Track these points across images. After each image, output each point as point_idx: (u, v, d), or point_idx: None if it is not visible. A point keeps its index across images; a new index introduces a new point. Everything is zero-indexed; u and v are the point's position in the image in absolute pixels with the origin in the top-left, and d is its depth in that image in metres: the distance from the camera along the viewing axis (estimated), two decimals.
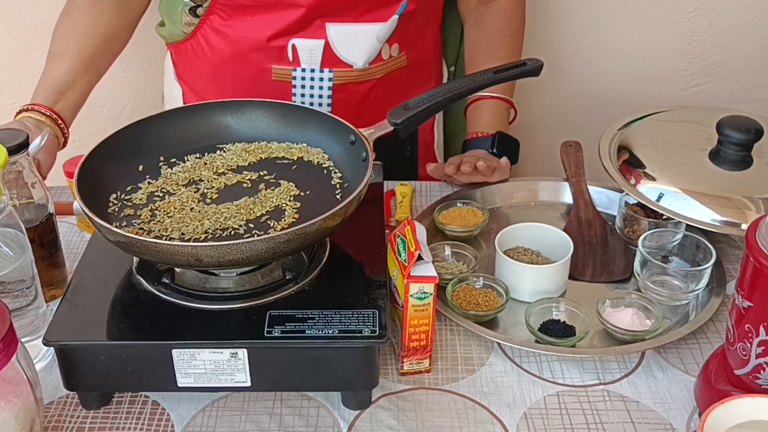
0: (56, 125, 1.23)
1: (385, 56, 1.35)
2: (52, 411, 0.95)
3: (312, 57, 1.31)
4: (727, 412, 0.80)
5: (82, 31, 1.30)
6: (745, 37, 1.71)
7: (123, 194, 1.03)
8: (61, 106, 1.25)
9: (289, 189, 1.03)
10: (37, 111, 1.22)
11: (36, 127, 1.21)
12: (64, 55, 1.28)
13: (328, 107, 1.35)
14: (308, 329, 0.90)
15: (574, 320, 1.04)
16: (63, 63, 1.27)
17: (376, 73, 1.35)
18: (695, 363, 1.02)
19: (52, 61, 1.29)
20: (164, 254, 0.88)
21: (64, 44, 1.29)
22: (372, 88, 1.36)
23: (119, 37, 1.35)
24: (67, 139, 1.26)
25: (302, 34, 1.30)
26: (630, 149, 1.24)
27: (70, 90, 1.26)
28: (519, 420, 0.94)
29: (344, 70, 1.33)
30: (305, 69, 1.33)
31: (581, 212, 1.25)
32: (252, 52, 1.33)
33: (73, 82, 1.27)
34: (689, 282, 1.09)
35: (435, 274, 0.93)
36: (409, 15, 1.33)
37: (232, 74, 1.36)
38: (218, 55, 1.36)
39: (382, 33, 1.31)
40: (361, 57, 1.32)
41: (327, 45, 1.30)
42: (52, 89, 1.26)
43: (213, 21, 1.33)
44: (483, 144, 1.38)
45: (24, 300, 0.96)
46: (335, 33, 1.30)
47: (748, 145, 1.16)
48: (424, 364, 0.99)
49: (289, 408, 0.95)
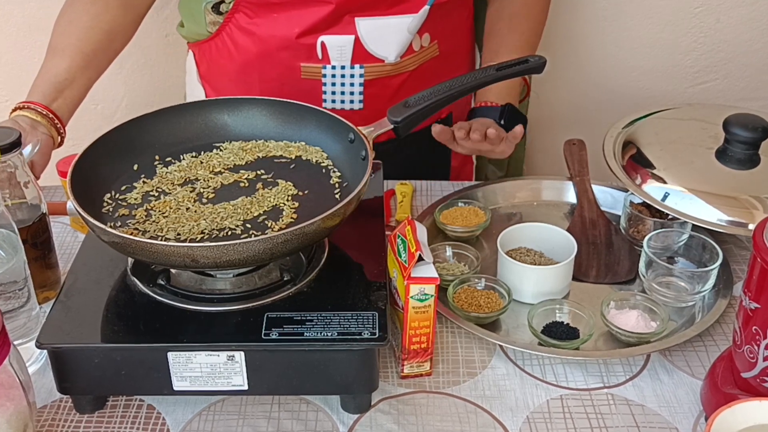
0: (52, 125, 1.22)
1: (416, 47, 1.32)
2: (45, 415, 0.95)
3: (342, 53, 1.29)
4: (734, 416, 0.80)
5: (85, 26, 1.27)
6: (752, 34, 1.70)
7: (117, 194, 1.02)
8: (58, 105, 1.24)
9: (287, 188, 1.02)
10: (33, 109, 1.20)
11: (31, 126, 1.19)
12: (65, 51, 1.26)
13: (360, 104, 1.33)
14: (307, 331, 0.89)
15: (577, 322, 1.04)
16: (63, 59, 1.25)
17: (408, 65, 1.33)
18: (701, 366, 1.01)
19: (51, 57, 1.27)
20: (159, 255, 0.88)
21: (65, 39, 1.27)
22: (404, 82, 1.33)
23: (123, 34, 1.32)
24: (63, 139, 1.25)
25: (331, 31, 1.27)
26: (635, 148, 1.23)
27: (68, 88, 1.24)
28: (522, 424, 0.94)
29: (375, 65, 1.30)
30: (335, 66, 1.30)
31: (585, 212, 1.25)
32: (280, 50, 1.30)
33: (72, 80, 1.25)
34: (695, 283, 1.08)
35: (436, 275, 0.93)
36: (440, 2, 1.29)
37: (259, 73, 1.34)
38: (244, 54, 1.33)
39: (413, 25, 1.28)
40: (392, 51, 1.30)
41: (357, 40, 1.28)
42: (50, 86, 1.23)
43: (239, 19, 1.31)
44: (491, 113, 1.35)
45: (16, 302, 0.96)
46: (365, 28, 1.27)
47: (755, 143, 1.16)
48: (424, 367, 0.98)
49: (288, 412, 0.95)
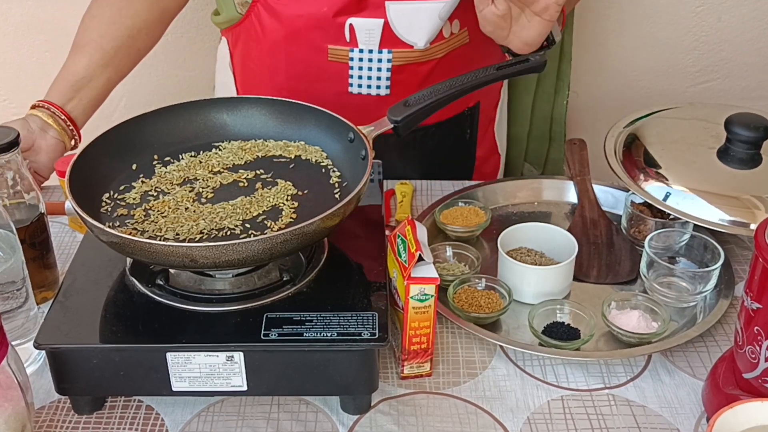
0: (64, 129, 1.19)
1: (446, 34, 1.29)
2: (43, 416, 0.94)
3: (370, 37, 1.26)
4: (736, 416, 0.79)
5: (108, 21, 1.25)
6: (754, 32, 1.70)
7: (116, 193, 1.02)
8: (74, 105, 1.22)
9: (287, 188, 1.02)
10: (46, 110, 1.19)
11: (41, 129, 1.18)
12: (85, 48, 1.23)
13: (387, 89, 1.30)
14: (306, 332, 0.89)
15: (578, 323, 1.04)
16: (82, 56, 1.23)
17: (437, 52, 1.30)
18: (703, 366, 1.01)
19: (73, 53, 1.25)
20: (158, 255, 0.87)
21: (86, 35, 1.24)
22: (433, 69, 1.30)
23: (147, 32, 1.29)
24: (77, 142, 1.23)
25: (361, 14, 1.25)
26: (636, 147, 1.23)
27: (86, 87, 1.22)
28: (522, 425, 0.93)
29: (404, 51, 1.27)
30: (363, 50, 1.27)
31: (586, 212, 1.24)
32: (308, 30, 1.27)
33: (90, 78, 1.22)
34: (697, 283, 1.08)
35: (436, 275, 0.92)
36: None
37: (285, 55, 1.30)
38: (271, 36, 1.30)
39: (444, 10, 1.24)
40: (422, 37, 1.26)
41: (386, 24, 1.25)
42: (68, 85, 1.21)
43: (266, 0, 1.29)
44: None
45: (14, 302, 0.96)
46: (395, 12, 1.24)
47: (757, 143, 1.15)
48: (424, 368, 0.98)
49: (287, 413, 0.94)
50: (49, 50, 1.71)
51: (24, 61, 1.60)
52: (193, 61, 1.78)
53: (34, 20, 1.64)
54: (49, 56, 1.71)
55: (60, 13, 1.66)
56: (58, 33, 1.65)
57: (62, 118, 1.19)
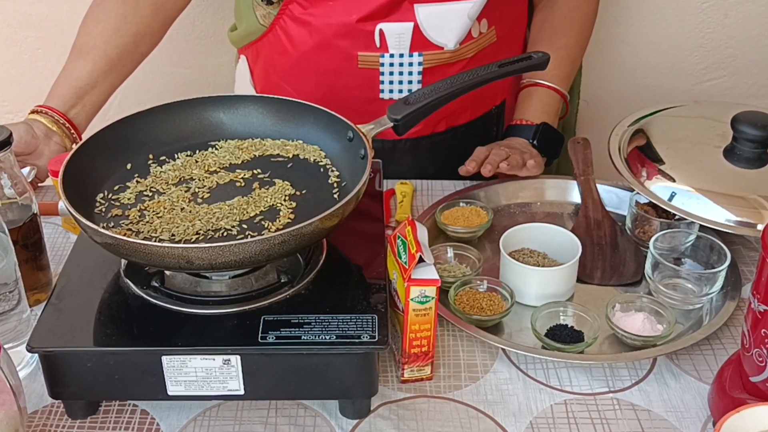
0: (67, 135, 1.20)
1: (475, 34, 1.30)
2: (36, 420, 0.94)
3: (401, 41, 1.27)
4: (743, 421, 0.79)
5: (113, 27, 1.25)
6: (761, 29, 1.71)
7: (110, 194, 1.01)
8: (77, 112, 1.22)
9: (284, 188, 1.01)
10: (50, 116, 1.19)
11: (45, 135, 1.19)
12: (89, 54, 1.24)
13: None
14: (304, 335, 0.88)
15: (582, 325, 1.03)
16: (86, 62, 1.24)
17: (467, 52, 1.31)
18: (709, 370, 1.00)
19: (75, 58, 1.25)
20: (153, 256, 0.87)
21: (91, 41, 1.25)
22: (463, 69, 1.31)
23: (150, 37, 1.30)
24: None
25: (390, 18, 1.25)
26: (641, 146, 1.22)
27: (89, 93, 1.23)
28: (525, 429, 0.93)
29: (435, 53, 1.29)
30: (393, 54, 1.28)
31: (590, 212, 1.24)
32: (338, 38, 1.28)
33: (93, 85, 1.24)
34: (703, 285, 1.08)
35: (437, 276, 0.92)
36: None
37: (315, 65, 1.32)
38: (300, 47, 1.31)
39: (473, 10, 1.26)
40: (452, 38, 1.28)
41: (416, 28, 1.26)
42: (71, 91, 1.22)
43: (293, 10, 1.30)
44: (525, 133, 1.35)
45: (7, 304, 0.95)
46: (425, 14, 1.25)
47: (764, 141, 1.15)
48: (425, 371, 0.98)
49: (285, 417, 0.94)
50: (42, 47, 1.71)
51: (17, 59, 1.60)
52: (189, 59, 1.78)
53: (27, 17, 1.64)
54: (42, 53, 1.71)
55: (53, 10, 1.66)
56: (51, 30, 1.66)
57: (66, 125, 1.20)
